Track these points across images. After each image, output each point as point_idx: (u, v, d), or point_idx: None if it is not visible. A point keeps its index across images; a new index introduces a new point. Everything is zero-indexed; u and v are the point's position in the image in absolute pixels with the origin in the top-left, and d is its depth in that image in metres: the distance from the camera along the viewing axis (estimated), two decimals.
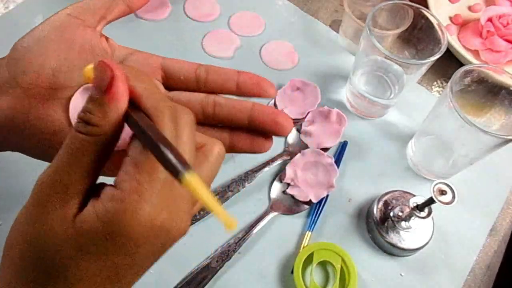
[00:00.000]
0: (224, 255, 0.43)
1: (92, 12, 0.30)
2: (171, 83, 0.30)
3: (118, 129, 0.22)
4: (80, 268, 0.21)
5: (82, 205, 0.22)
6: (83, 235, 0.21)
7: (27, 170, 0.45)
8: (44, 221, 0.21)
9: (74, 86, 0.29)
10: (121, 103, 0.22)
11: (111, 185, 0.22)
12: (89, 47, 0.29)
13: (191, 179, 0.19)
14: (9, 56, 0.29)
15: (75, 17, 0.29)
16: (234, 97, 0.30)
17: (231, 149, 0.29)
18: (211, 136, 0.27)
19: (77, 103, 0.28)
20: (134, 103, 0.22)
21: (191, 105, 0.29)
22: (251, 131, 0.29)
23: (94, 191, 0.22)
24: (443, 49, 0.43)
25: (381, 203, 0.45)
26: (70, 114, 0.28)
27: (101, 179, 0.24)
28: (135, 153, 0.22)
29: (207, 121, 0.29)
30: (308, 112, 0.52)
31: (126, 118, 0.22)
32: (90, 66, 0.23)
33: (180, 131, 0.22)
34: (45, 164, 0.23)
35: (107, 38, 0.31)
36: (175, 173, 0.19)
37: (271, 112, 0.28)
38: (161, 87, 0.30)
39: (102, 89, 0.21)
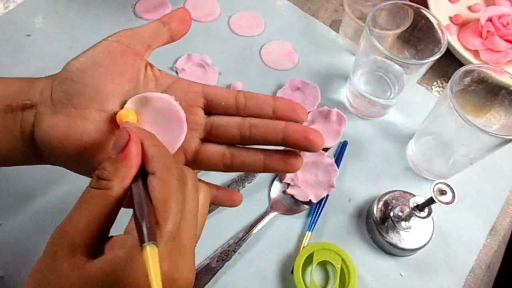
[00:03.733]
0: (224, 255, 0.43)
1: (141, 41, 0.32)
2: (211, 109, 0.32)
3: (125, 189, 0.24)
4: None
5: (92, 254, 0.23)
6: (92, 280, 0.22)
7: (27, 171, 0.45)
8: (55, 270, 0.23)
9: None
10: (132, 161, 0.24)
11: (124, 234, 0.24)
12: (137, 74, 0.31)
13: (149, 252, 0.21)
14: (62, 77, 0.30)
15: (126, 45, 0.31)
16: None
17: (265, 169, 0.31)
18: (247, 158, 0.31)
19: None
20: (144, 169, 0.25)
21: (230, 127, 0.32)
22: (283, 152, 0.31)
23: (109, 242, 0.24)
24: (443, 49, 0.43)
25: (381, 203, 0.45)
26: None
27: None
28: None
29: (244, 143, 0.32)
30: (308, 112, 0.52)
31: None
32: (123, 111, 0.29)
33: (178, 192, 0.24)
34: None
35: (151, 66, 0.33)
36: (141, 241, 0.21)
37: (303, 130, 0.30)
38: (201, 113, 0.32)
39: (118, 149, 0.24)
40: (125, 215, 0.26)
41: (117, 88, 0.30)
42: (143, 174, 0.25)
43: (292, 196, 0.47)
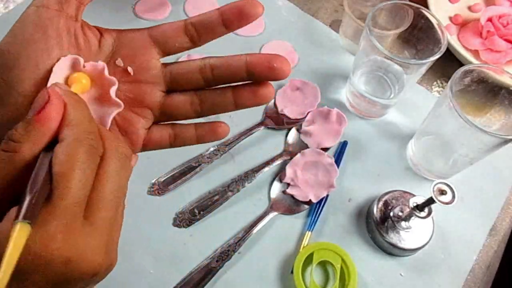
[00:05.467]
0: (224, 255, 0.43)
1: (70, 0, 0.27)
2: (167, 52, 0.30)
3: (36, 156, 0.22)
4: None
5: None
6: None
7: None
8: None
9: None
10: (47, 126, 0.22)
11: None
12: (76, 39, 0.28)
13: (17, 231, 0.19)
14: None
15: (55, 9, 0.27)
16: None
17: (237, 105, 0.29)
18: (216, 99, 0.29)
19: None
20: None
21: (191, 73, 0.29)
22: (251, 84, 0.29)
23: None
24: (443, 49, 0.43)
25: (381, 203, 0.45)
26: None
27: None
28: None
29: (209, 85, 0.30)
30: (308, 112, 0.52)
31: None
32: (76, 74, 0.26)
33: (84, 166, 0.22)
34: None
35: (89, 26, 0.29)
36: (16, 217, 0.19)
37: (266, 59, 0.27)
38: (156, 64, 0.30)
39: (35, 111, 0.22)
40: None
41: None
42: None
43: (292, 196, 0.47)
